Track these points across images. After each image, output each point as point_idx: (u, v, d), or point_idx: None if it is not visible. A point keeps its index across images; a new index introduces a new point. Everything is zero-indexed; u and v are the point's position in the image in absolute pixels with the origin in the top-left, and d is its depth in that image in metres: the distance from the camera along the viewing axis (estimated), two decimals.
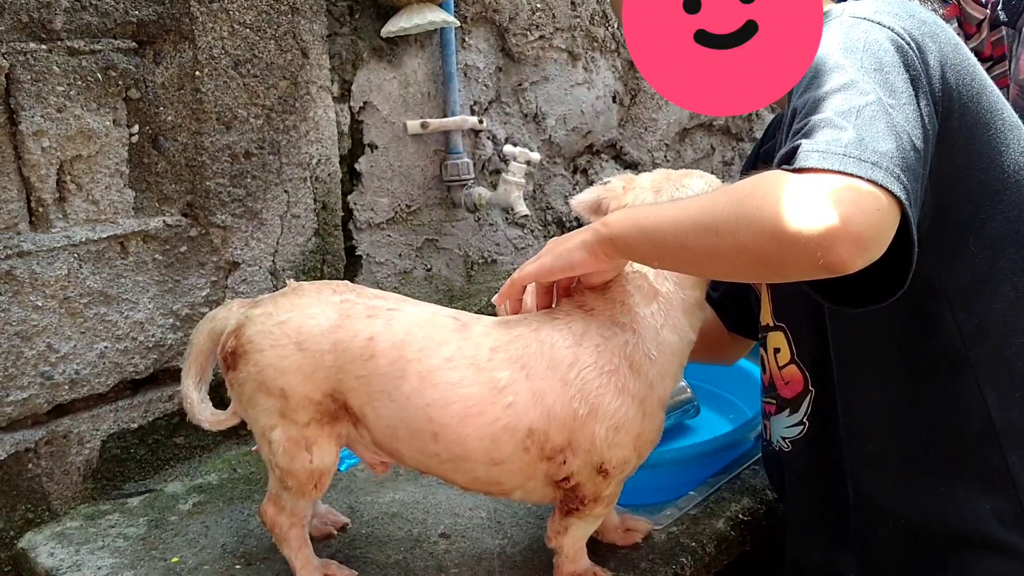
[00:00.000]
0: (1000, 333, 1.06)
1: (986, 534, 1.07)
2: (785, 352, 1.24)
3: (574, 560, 1.23)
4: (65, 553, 1.40)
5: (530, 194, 2.39)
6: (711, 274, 1.03)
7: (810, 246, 0.81)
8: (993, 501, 1.07)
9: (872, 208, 0.82)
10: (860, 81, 0.91)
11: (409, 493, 1.54)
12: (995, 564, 1.07)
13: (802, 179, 0.84)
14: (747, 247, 0.87)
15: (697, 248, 0.94)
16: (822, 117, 0.89)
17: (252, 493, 1.58)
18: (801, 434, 1.24)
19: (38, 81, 1.43)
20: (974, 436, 1.07)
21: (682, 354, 1.19)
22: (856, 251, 0.81)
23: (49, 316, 1.49)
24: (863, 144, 0.85)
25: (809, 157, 0.85)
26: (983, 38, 2.69)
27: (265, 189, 1.77)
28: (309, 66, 1.80)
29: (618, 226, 1.06)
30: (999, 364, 1.06)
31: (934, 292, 1.05)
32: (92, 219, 1.54)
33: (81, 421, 1.57)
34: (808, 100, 0.92)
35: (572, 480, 1.15)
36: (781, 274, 0.90)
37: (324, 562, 1.28)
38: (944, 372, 1.07)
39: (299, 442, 1.19)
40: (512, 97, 2.29)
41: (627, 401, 1.12)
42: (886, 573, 1.17)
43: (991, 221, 1.05)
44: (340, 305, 1.19)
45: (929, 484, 1.10)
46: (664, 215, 0.99)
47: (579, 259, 1.11)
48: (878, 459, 1.14)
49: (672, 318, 1.17)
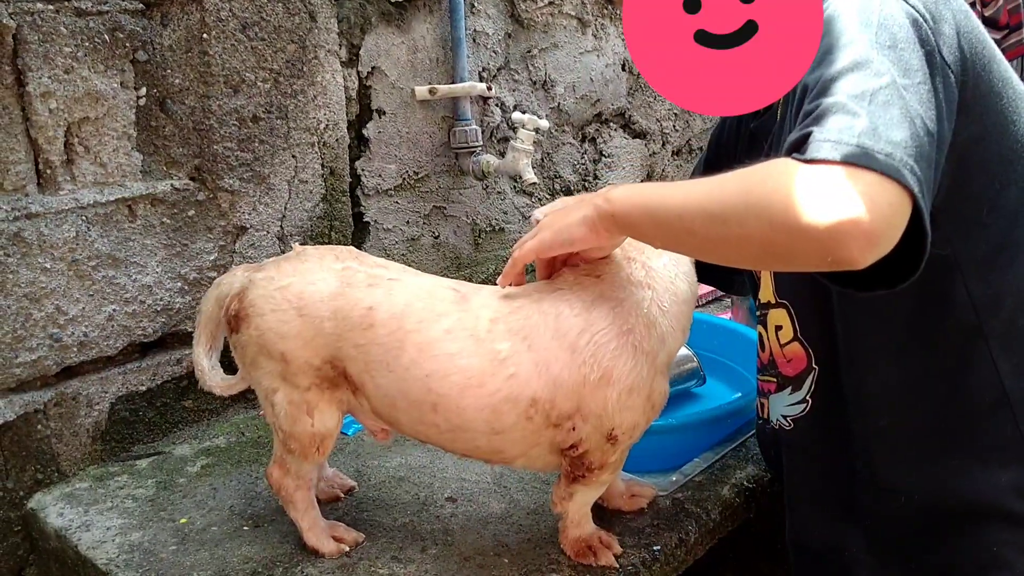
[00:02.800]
0: (1015, 303, 1.05)
1: (1003, 506, 1.07)
2: (788, 330, 1.23)
3: (579, 525, 1.24)
4: (74, 513, 1.42)
5: (538, 162, 2.38)
6: (715, 259, 1.01)
7: (820, 240, 0.79)
8: (1009, 472, 1.06)
9: (885, 203, 0.80)
10: (874, 60, 0.88)
11: (416, 457, 1.55)
12: (1013, 536, 1.07)
13: (813, 170, 0.82)
14: (755, 237, 0.86)
15: (703, 235, 0.92)
16: (834, 101, 0.87)
17: (260, 456, 1.59)
18: (804, 412, 1.23)
19: (45, 42, 1.42)
20: (988, 407, 1.06)
21: (691, 303, 1.19)
22: (867, 247, 0.79)
23: (57, 278, 1.49)
24: (876, 133, 0.83)
25: (821, 148, 0.83)
26: (999, 6, 2.66)
27: (273, 154, 1.76)
28: (317, 30, 1.79)
29: (621, 203, 1.03)
30: (1013, 334, 1.06)
31: (947, 265, 1.03)
32: (100, 182, 1.53)
33: (90, 383, 1.58)
34: (820, 78, 0.90)
35: (580, 447, 1.14)
36: (789, 265, 0.90)
37: (331, 524, 1.29)
38: (957, 344, 1.06)
39: (300, 406, 1.20)
40: (521, 64, 2.27)
41: (641, 359, 1.11)
42: (897, 548, 1.16)
43: (1005, 192, 1.04)
44: (342, 273, 1.19)
45: (943, 457, 1.09)
46: (670, 197, 0.96)
47: (579, 235, 1.09)
48: (891, 434, 1.13)
49: (683, 265, 1.17)
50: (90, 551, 1.31)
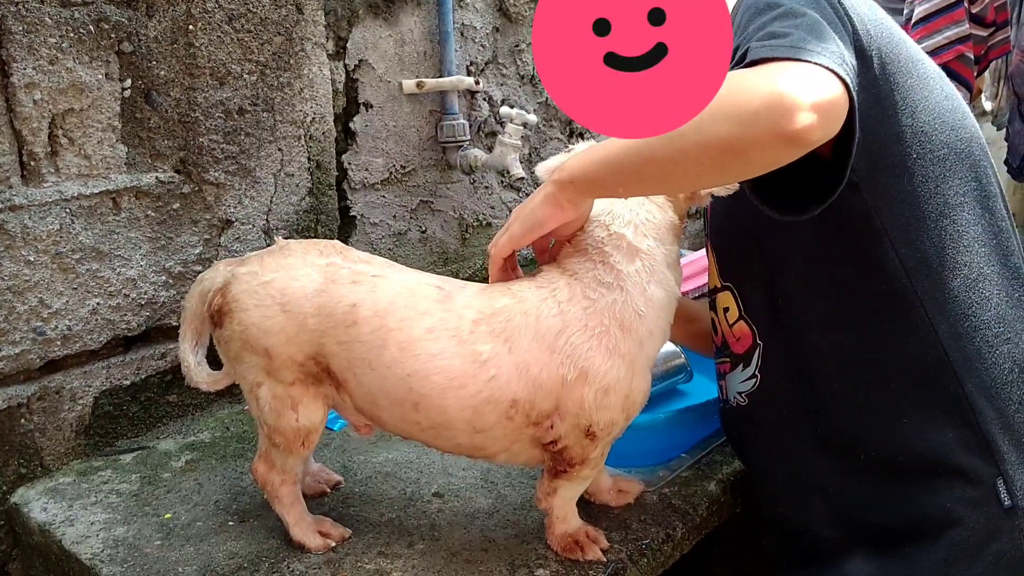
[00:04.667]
0: (941, 266, 1.10)
1: (952, 462, 1.11)
2: (734, 310, 1.28)
3: (565, 520, 1.24)
4: (58, 508, 1.41)
5: (526, 157, 2.37)
6: (678, 183, 1.06)
7: (771, 118, 0.86)
8: (955, 429, 1.11)
9: (823, 82, 0.88)
10: (795, 8, 0.99)
11: (403, 453, 1.55)
12: (964, 491, 1.11)
13: (755, 69, 0.91)
14: (712, 140, 0.91)
15: (663, 156, 0.96)
16: (764, 32, 0.96)
17: (245, 451, 1.58)
18: (755, 387, 1.27)
19: (30, 32, 1.41)
20: (930, 367, 1.11)
21: (669, 309, 1.19)
22: (815, 118, 0.86)
23: (41, 271, 1.48)
24: (806, 40, 0.92)
25: (759, 51, 0.93)
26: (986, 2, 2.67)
27: (259, 147, 1.75)
28: (304, 22, 1.78)
29: (575, 167, 1.08)
30: (945, 297, 1.10)
31: (876, 232, 1.09)
32: (84, 174, 1.52)
33: (73, 377, 1.57)
34: (748, 32, 0.99)
35: (559, 444, 1.15)
36: (748, 160, 0.92)
37: (318, 519, 1.29)
38: (895, 308, 1.11)
39: (285, 400, 1.20)
40: (509, 58, 2.26)
41: (617, 362, 1.12)
42: (858, 514, 1.18)
43: (922, 161, 1.09)
44: (325, 268, 1.18)
45: (895, 418, 1.13)
46: (621, 141, 1.02)
47: (545, 214, 1.13)
48: (843, 398, 1.17)
49: (657, 273, 1.17)
50: (74, 546, 1.30)
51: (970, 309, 1.11)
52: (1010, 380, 1.12)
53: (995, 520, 1.10)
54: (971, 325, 1.11)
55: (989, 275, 1.13)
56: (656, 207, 1.20)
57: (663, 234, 1.19)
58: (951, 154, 1.11)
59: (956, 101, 1.15)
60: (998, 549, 1.10)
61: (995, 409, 1.11)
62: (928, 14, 2.66)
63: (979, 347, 1.11)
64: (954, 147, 1.11)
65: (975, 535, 1.10)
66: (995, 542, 1.10)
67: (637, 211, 1.19)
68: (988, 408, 1.11)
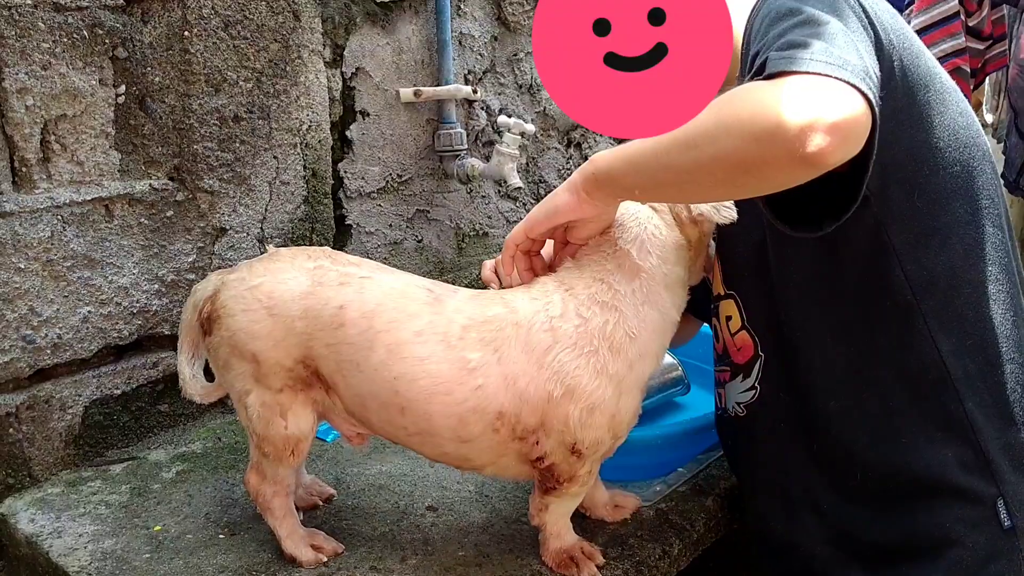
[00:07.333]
0: (948, 284, 1.09)
1: (951, 481, 1.09)
2: (736, 319, 1.27)
3: (559, 536, 1.22)
4: (46, 519, 1.39)
5: (523, 167, 2.36)
6: (691, 192, 1.05)
7: (788, 138, 0.82)
8: (955, 448, 1.09)
9: (845, 100, 0.83)
10: (817, 15, 0.94)
11: (396, 465, 1.53)
12: (963, 511, 1.09)
13: (775, 82, 0.86)
14: (728, 154, 0.88)
15: (679, 165, 0.94)
16: (784, 40, 0.91)
17: (236, 462, 1.56)
18: (754, 398, 1.26)
19: (23, 37, 1.39)
20: (931, 385, 1.09)
21: (664, 333, 1.18)
22: (834, 140, 0.82)
23: (32, 279, 1.46)
24: (828, 51, 0.87)
25: (777, 63, 0.88)
26: (984, 16, 2.67)
27: (254, 154, 1.74)
28: (301, 29, 1.77)
29: (600, 161, 1.07)
30: (950, 314, 1.09)
31: (883, 247, 1.07)
32: (76, 181, 1.50)
33: (63, 386, 1.55)
34: (767, 39, 0.95)
35: (546, 460, 1.14)
36: (764, 177, 0.90)
37: (310, 532, 1.27)
38: (898, 324, 1.10)
39: (273, 408, 1.19)
40: (507, 67, 2.26)
41: (604, 382, 1.11)
42: (852, 532, 1.17)
43: (934, 177, 1.07)
44: (313, 271, 1.18)
45: (893, 435, 1.12)
46: (647, 141, 1.00)
47: (562, 200, 1.12)
48: (842, 415, 1.15)
49: (654, 294, 1.16)
50: (61, 558, 1.28)
51: (975, 327, 1.10)
52: (1012, 399, 1.11)
53: (995, 541, 1.08)
54: (975, 343, 1.09)
55: (995, 293, 1.11)
56: (664, 224, 1.19)
57: (667, 253, 1.17)
58: (963, 171, 1.09)
59: (970, 118, 1.13)
60: (998, 570, 1.08)
61: (996, 428, 1.09)
62: (925, 27, 2.66)
63: (982, 366, 1.10)
64: (967, 164, 1.09)
65: (975, 556, 1.08)
66: (995, 563, 1.08)
67: (646, 225, 1.17)
68: (988, 427, 1.09)
